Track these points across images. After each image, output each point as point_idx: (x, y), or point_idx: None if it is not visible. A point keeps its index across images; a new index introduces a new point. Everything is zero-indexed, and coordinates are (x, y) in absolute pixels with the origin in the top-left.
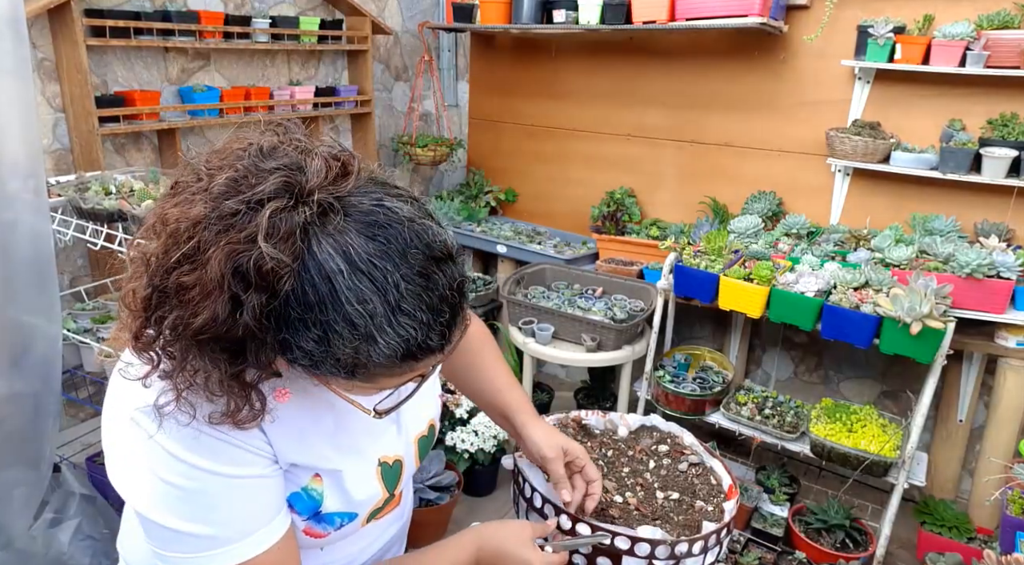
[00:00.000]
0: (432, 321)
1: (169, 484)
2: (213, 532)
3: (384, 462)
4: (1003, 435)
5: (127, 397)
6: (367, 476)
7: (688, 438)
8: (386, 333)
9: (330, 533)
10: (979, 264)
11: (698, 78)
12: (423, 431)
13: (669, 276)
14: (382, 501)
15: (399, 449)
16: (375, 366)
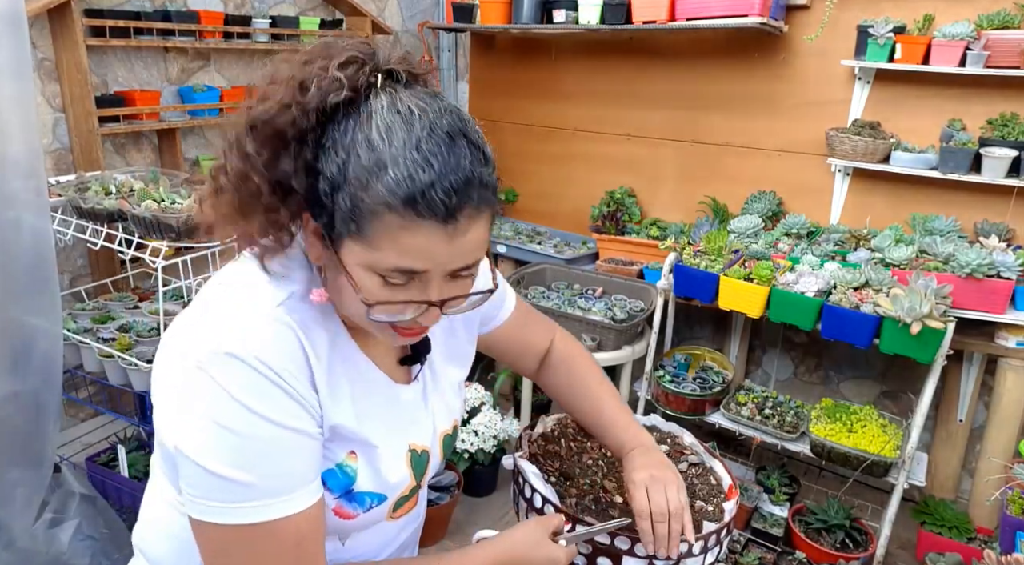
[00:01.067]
0: (444, 174)
1: (224, 428)
2: (256, 481)
3: (414, 449)
4: (1003, 435)
5: (195, 341)
6: (399, 460)
7: (688, 438)
8: (398, 165)
9: (359, 515)
10: (979, 264)
11: (698, 78)
12: (448, 428)
13: (669, 276)
14: (409, 489)
15: (427, 440)
16: (379, 206)
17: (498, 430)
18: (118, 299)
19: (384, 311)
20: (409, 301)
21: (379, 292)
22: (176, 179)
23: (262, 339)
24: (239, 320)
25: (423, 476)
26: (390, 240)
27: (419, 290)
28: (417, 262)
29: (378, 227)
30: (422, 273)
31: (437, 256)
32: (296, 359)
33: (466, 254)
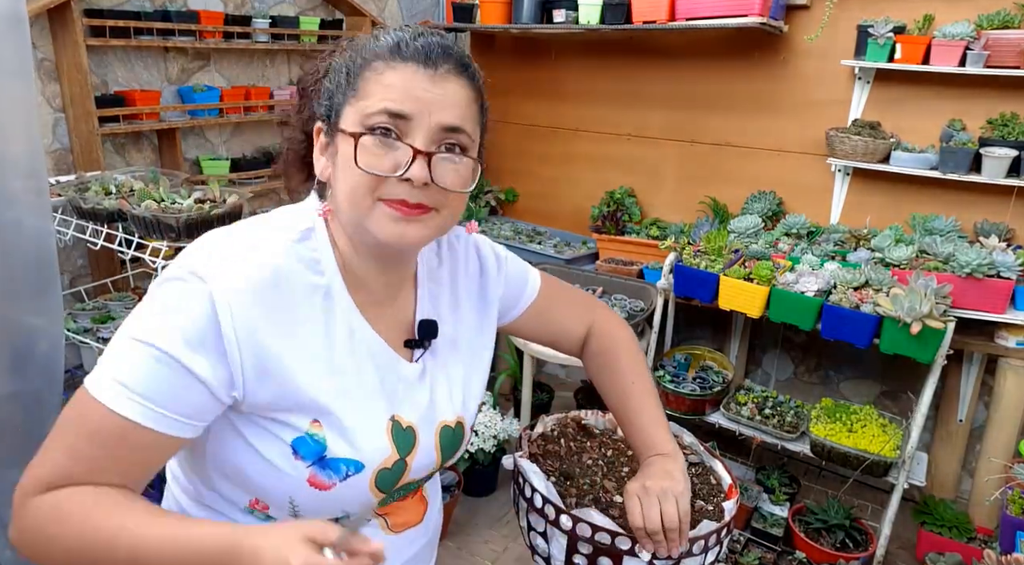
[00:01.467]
0: (426, 35)
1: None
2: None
3: (397, 421)
4: (1003, 435)
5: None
6: (375, 428)
7: (688, 438)
8: (388, 33)
9: (335, 484)
10: (979, 264)
11: (698, 78)
12: (448, 420)
13: (669, 276)
14: (391, 462)
15: (417, 420)
16: (369, 59)
17: (498, 430)
18: (118, 299)
19: (373, 164)
20: (393, 146)
21: (370, 149)
22: (176, 179)
23: (233, 279)
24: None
25: (409, 453)
26: (376, 82)
27: (406, 148)
28: (402, 101)
29: (368, 76)
30: (408, 119)
31: (420, 95)
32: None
33: (448, 106)
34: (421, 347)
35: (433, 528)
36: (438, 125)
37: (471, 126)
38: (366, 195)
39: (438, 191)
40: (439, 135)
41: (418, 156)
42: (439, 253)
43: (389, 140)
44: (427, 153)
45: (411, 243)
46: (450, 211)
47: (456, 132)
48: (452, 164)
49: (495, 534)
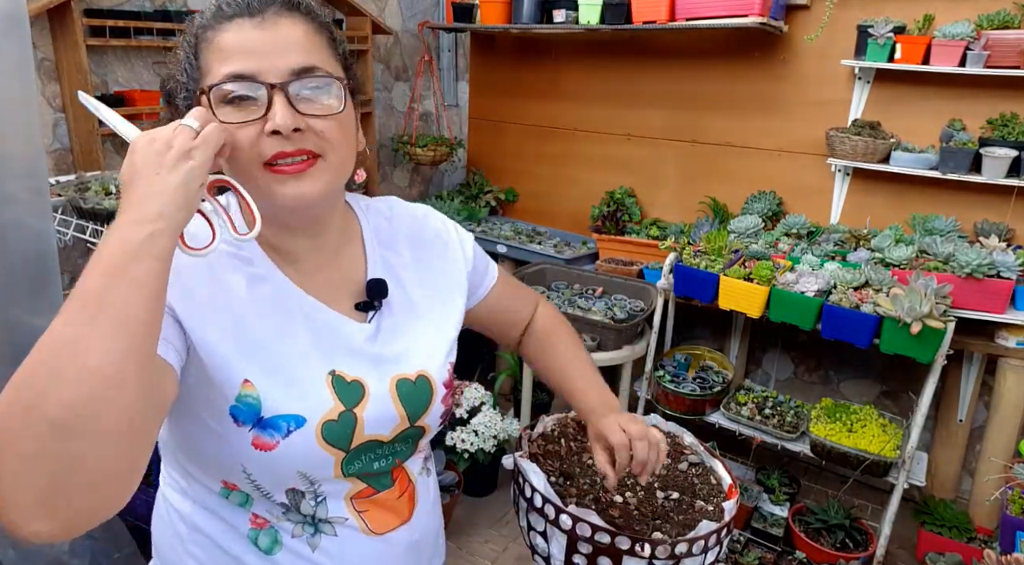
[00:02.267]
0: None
1: None
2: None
3: (339, 375)
4: (1003, 435)
5: None
6: (313, 381)
7: (688, 438)
8: (212, 1)
9: (279, 442)
10: (979, 264)
11: (698, 78)
12: (407, 374)
13: (669, 276)
14: (337, 412)
15: (362, 372)
16: (201, 32)
17: (498, 430)
18: None
19: (242, 125)
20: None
21: (230, 112)
22: None
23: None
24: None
25: (356, 405)
26: (211, 52)
27: (263, 92)
28: (238, 59)
29: (203, 50)
30: (252, 77)
31: (254, 48)
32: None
33: (288, 48)
34: (372, 308)
35: (429, 531)
36: (286, 71)
37: (322, 59)
38: (249, 161)
39: (315, 134)
40: (291, 77)
41: (275, 94)
42: (389, 218)
43: (246, 102)
44: (282, 86)
45: (311, 199)
46: (338, 154)
47: (307, 72)
48: (316, 96)
49: (495, 534)
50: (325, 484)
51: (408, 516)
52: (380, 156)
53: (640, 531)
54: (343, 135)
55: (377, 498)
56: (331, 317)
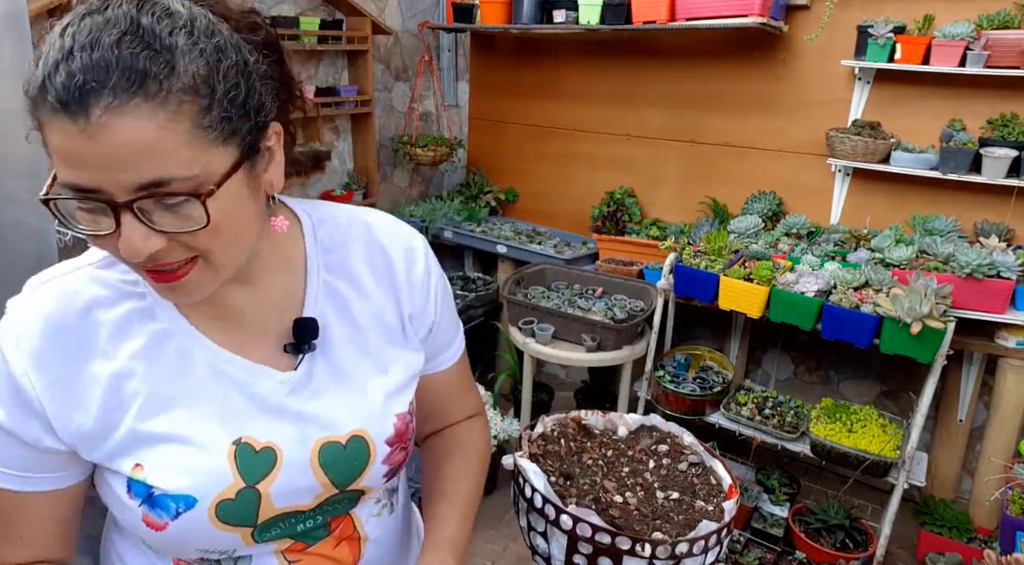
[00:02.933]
0: (70, 55)
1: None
2: None
3: (247, 443)
4: (1003, 435)
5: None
6: (210, 455)
7: (688, 438)
8: (45, 56)
9: (168, 524)
10: (979, 264)
11: (698, 78)
12: (335, 436)
13: (669, 276)
14: (235, 490)
15: (277, 435)
16: (30, 102)
17: (498, 430)
18: None
19: (97, 237)
20: (96, 210)
21: (82, 218)
22: None
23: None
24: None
25: (261, 481)
26: (46, 138)
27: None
28: (72, 171)
29: (40, 125)
30: (96, 191)
31: (86, 160)
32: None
33: (126, 162)
34: (299, 351)
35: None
36: (131, 187)
37: (179, 161)
38: (126, 265)
39: (181, 244)
40: (140, 193)
41: (121, 213)
42: (344, 237)
43: (89, 206)
44: (127, 204)
45: (197, 299)
46: (220, 255)
47: (157, 186)
48: (175, 209)
49: (495, 534)
50: (240, 550)
51: (354, 561)
52: (380, 156)
53: (640, 531)
54: (220, 239)
55: (311, 550)
56: (245, 370)
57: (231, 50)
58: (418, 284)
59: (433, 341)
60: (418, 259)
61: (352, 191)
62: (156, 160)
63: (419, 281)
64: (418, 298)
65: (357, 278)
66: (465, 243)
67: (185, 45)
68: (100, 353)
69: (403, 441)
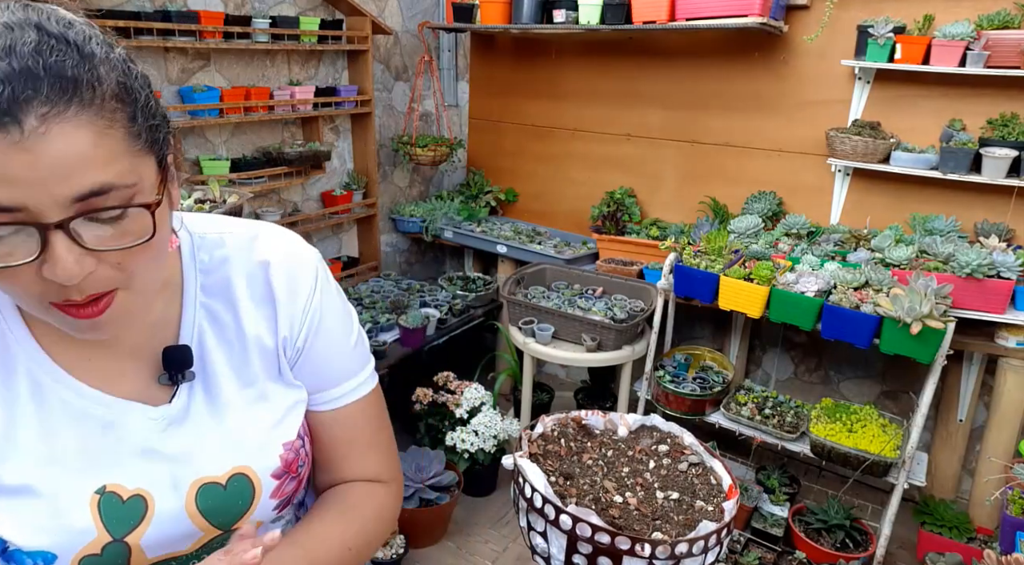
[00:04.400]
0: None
1: None
2: None
3: (112, 492)
4: (1003, 435)
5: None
6: (70, 507)
7: (688, 438)
8: None
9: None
10: (979, 264)
11: (698, 78)
12: (214, 476)
13: (669, 276)
14: (100, 545)
15: (147, 481)
16: None
17: (498, 430)
18: None
19: (7, 268)
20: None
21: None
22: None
23: None
24: None
25: (130, 533)
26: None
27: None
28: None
29: None
30: (21, 210)
31: (15, 175)
32: None
33: (65, 171)
34: (175, 382)
35: None
36: (67, 199)
37: (120, 167)
38: (28, 301)
39: (111, 268)
40: (76, 207)
41: (51, 235)
42: (226, 255)
43: (7, 233)
44: (61, 224)
45: (111, 333)
46: (142, 278)
47: (98, 195)
48: (111, 223)
49: (495, 534)
50: None
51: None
52: (380, 156)
53: (640, 531)
54: (151, 256)
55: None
56: (109, 408)
57: (130, 61)
58: (299, 306)
59: (308, 371)
60: (302, 277)
61: (352, 191)
62: (96, 168)
63: (299, 304)
64: (297, 321)
65: (236, 300)
66: (465, 243)
67: (101, 54)
68: None
69: (293, 470)
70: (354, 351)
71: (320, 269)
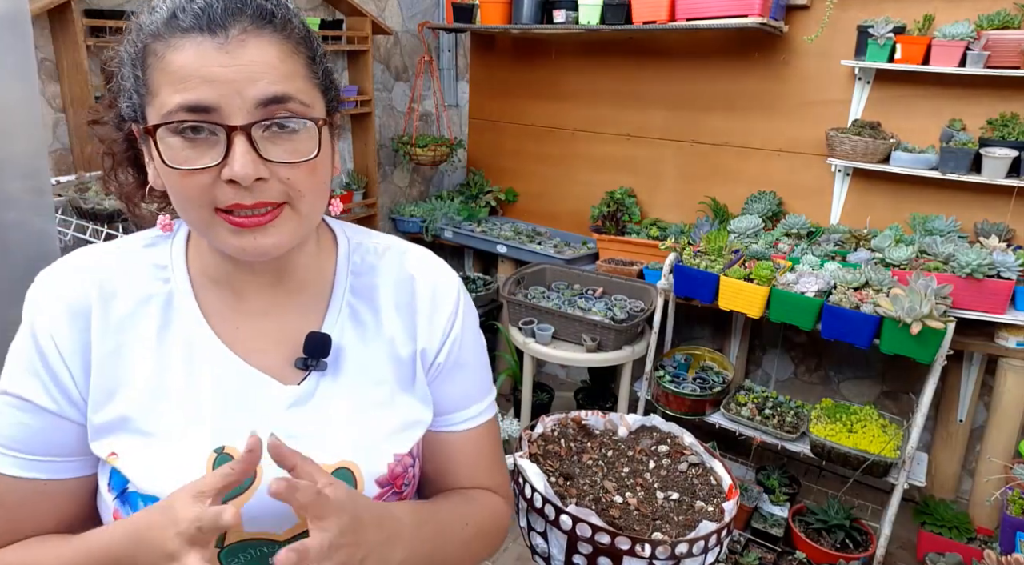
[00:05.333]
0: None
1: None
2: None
3: (228, 454)
4: (1003, 435)
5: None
6: (189, 460)
7: (688, 438)
8: (165, 1)
9: None
10: (979, 264)
11: (698, 78)
12: (323, 464)
13: (669, 276)
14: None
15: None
16: (147, 42)
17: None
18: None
19: (188, 159)
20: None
21: (179, 147)
22: None
23: (49, 299)
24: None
25: (237, 497)
26: (161, 70)
27: (221, 133)
28: (195, 87)
29: (151, 64)
30: (212, 110)
31: (215, 74)
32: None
33: (257, 75)
34: (308, 367)
35: None
36: (253, 102)
37: (299, 86)
38: (199, 207)
39: (280, 183)
40: (259, 113)
41: (235, 136)
42: (376, 263)
43: (201, 136)
44: (244, 128)
45: (269, 254)
46: (308, 202)
47: (278, 102)
48: (286, 137)
49: None
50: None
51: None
52: (380, 156)
53: (640, 531)
54: (315, 181)
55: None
56: (247, 377)
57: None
58: (441, 324)
59: (446, 391)
60: (445, 297)
61: (352, 191)
62: (280, 79)
63: (441, 322)
64: (437, 338)
65: (380, 306)
66: (465, 243)
67: (293, 8)
68: (114, 328)
69: (397, 485)
70: (487, 374)
71: (462, 294)
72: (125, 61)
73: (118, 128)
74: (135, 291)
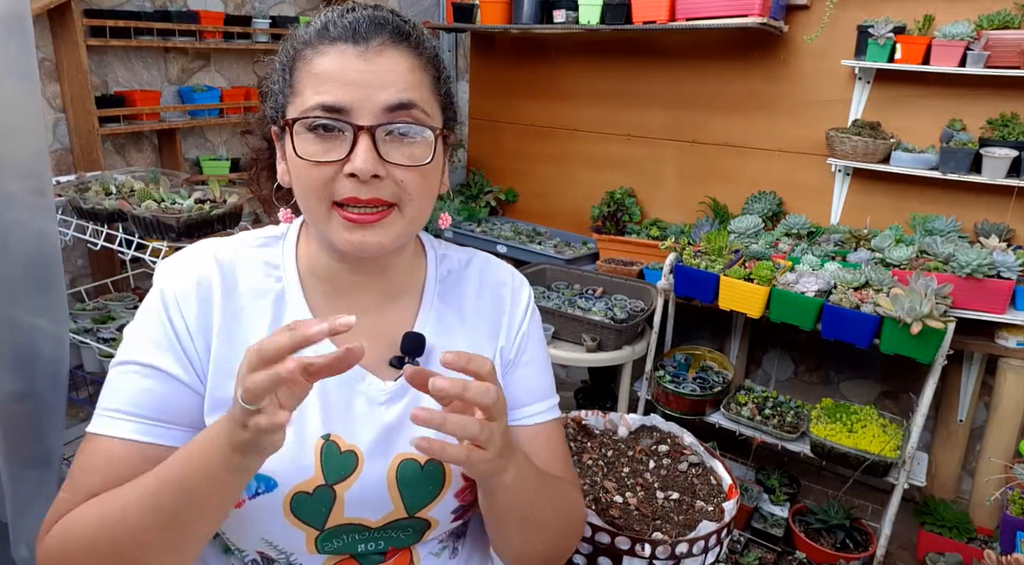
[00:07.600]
0: (356, 10)
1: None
2: (106, 394)
3: (333, 442)
4: (1003, 435)
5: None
6: (302, 444)
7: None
8: (320, 16)
9: (245, 501)
10: (979, 264)
11: (698, 78)
12: (416, 455)
13: (669, 276)
14: (313, 485)
15: (362, 442)
16: (299, 49)
17: None
18: (118, 299)
19: (315, 152)
20: (333, 138)
21: (310, 140)
22: (176, 179)
23: (181, 278)
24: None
25: (341, 482)
26: (307, 72)
27: (349, 131)
28: (334, 88)
29: (299, 67)
30: (346, 110)
31: (353, 78)
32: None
33: (388, 82)
34: (403, 365)
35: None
36: (381, 107)
37: (422, 96)
38: (319, 199)
39: (394, 184)
40: (385, 116)
41: (361, 135)
42: (463, 272)
43: (331, 133)
44: (370, 128)
45: (372, 251)
46: (415, 206)
47: (403, 108)
48: (405, 143)
49: None
50: (298, 556)
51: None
52: None
53: (640, 531)
54: (425, 186)
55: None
56: (350, 372)
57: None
58: (516, 322)
59: (514, 383)
60: (521, 301)
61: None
62: (408, 88)
63: (516, 320)
64: (512, 334)
65: (465, 310)
66: (465, 243)
67: (426, 34)
68: (231, 315)
69: (473, 483)
70: (551, 375)
71: (531, 296)
72: (276, 67)
73: (263, 137)
74: (251, 286)
